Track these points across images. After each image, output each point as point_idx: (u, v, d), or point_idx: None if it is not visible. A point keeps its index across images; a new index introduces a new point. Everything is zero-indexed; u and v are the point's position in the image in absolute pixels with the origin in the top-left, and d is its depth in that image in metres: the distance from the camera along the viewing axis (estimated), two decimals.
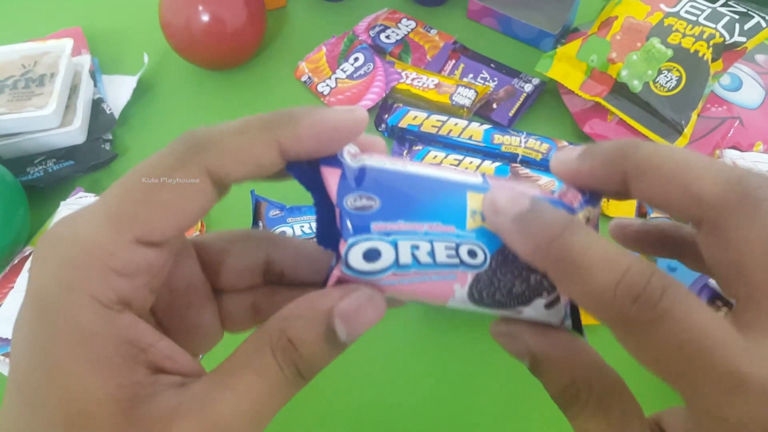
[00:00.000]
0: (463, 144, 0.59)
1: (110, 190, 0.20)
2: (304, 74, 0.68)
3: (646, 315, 0.18)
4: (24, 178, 0.57)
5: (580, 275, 0.19)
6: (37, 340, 0.18)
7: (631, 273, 0.18)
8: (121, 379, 0.18)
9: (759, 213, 0.18)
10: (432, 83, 0.63)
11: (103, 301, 0.19)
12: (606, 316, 0.19)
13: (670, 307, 0.18)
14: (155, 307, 0.24)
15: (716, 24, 0.56)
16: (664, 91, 0.56)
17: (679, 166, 0.20)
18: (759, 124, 0.57)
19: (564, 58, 0.62)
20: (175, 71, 0.69)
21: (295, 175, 0.21)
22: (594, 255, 0.19)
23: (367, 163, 0.22)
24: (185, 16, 0.61)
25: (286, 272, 0.26)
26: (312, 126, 0.20)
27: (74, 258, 0.19)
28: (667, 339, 0.18)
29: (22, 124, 0.57)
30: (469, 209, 0.22)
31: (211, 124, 0.22)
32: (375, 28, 0.70)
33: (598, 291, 0.19)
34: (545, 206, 0.21)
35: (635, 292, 0.18)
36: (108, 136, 0.62)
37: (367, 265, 0.21)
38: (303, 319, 0.20)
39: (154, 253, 0.20)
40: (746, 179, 0.19)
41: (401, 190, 0.21)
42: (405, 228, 0.21)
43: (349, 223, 0.20)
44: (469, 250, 0.22)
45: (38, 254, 0.19)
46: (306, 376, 0.20)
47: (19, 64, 0.61)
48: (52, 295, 0.19)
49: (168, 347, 0.20)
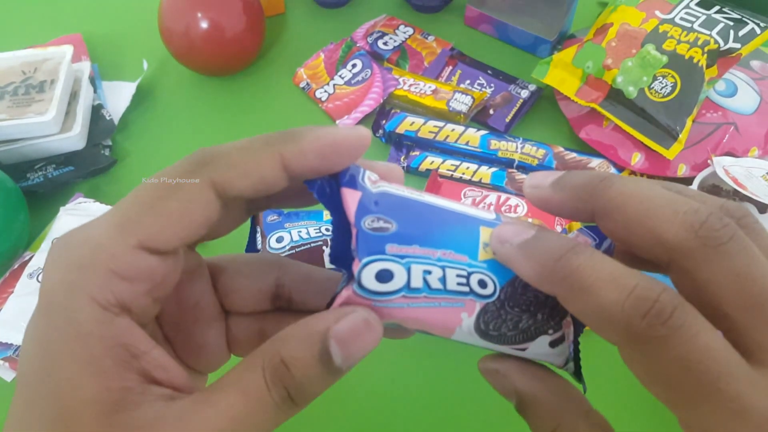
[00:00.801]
0: (460, 149, 0.60)
1: (123, 199, 0.21)
2: (302, 80, 0.68)
3: (656, 330, 0.18)
4: (24, 184, 0.57)
5: (587, 292, 0.19)
6: (39, 337, 0.19)
7: (640, 288, 0.18)
8: (110, 383, 0.19)
9: (721, 255, 0.18)
10: (429, 89, 0.64)
11: (102, 303, 0.19)
12: (615, 332, 0.19)
13: (681, 325, 0.17)
14: (162, 321, 0.24)
15: (711, 30, 0.56)
16: (660, 97, 0.56)
17: (644, 207, 0.20)
18: (754, 130, 0.57)
19: (560, 65, 0.62)
20: (174, 77, 0.70)
21: (316, 194, 0.22)
22: (600, 273, 0.19)
23: (387, 190, 0.22)
24: (185, 23, 0.62)
25: (294, 297, 0.27)
26: (314, 141, 0.21)
27: (79, 260, 0.19)
28: (675, 357, 0.18)
29: (22, 130, 0.57)
30: (482, 242, 0.22)
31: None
32: (373, 34, 0.71)
33: (606, 307, 0.18)
34: (549, 234, 0.21)
35: (645, 307, 0.18)
36: (107, 142, 0.62)
37: (379, 285, 0.21)
38: (297, 339, 0.20)
39: (157, 261, 0.20)
40: (709, 223, 0.19)
41: (417, 217, 0.22)
42: (419, 252, 0.21)
43: (365, 242, 0.21)
44: (480, 280, 0.22)
45: (50, 257, 0.20)
46: (297, 400, 0.20)
47: (19, 71, 0.61)
48: (56, 295, 0.19)
49: (161, 357, 0.20)
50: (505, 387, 0.23)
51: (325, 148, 0.21)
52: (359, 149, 0.22)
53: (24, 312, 0.49)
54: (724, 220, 0.19)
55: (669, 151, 0.56)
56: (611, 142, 0.59)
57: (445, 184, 0.57)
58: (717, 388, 0.17)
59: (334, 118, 0.65)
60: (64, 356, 0.19)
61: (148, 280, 0.20)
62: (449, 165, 0.59)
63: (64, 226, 0.54)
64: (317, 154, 0.21)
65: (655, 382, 0.19)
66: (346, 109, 0.64)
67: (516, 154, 0.59)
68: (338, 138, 0.21)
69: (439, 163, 0.59)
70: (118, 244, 0.19)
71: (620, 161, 0.58)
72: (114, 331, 0.19)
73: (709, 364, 0.17)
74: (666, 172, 0.57)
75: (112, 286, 0.19)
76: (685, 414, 0.18)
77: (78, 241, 0.20)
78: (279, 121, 0.65)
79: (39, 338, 0.19)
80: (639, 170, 0.57)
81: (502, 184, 0.57)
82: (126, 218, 0.20)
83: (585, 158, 0.59)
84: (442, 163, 0.59)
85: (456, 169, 0.58)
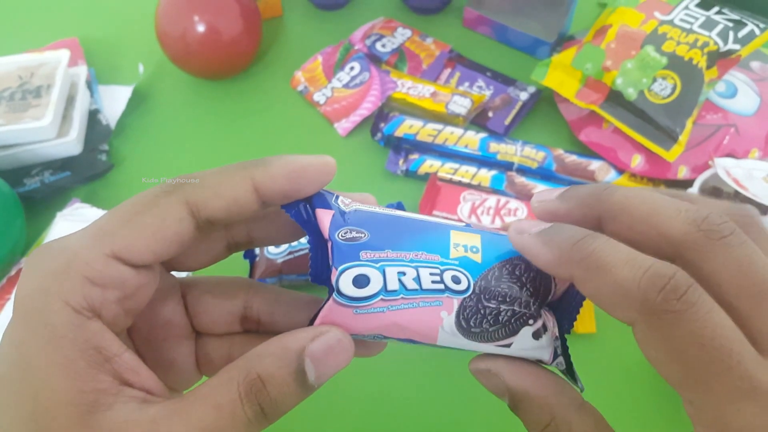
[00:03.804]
0: (459, 153, 0.59)
1: (103, 215, 0.22)
2: (300, 83, 0.68)
3: (672, 305, 0.18)
4: (21, 189, 0.57)
5: (604, 271, 0.20)
6: (14, 340, 0.20)
7: (656, 267, 0.19)
8: (83, 385, 0.19)
9: (724, 247, 0.19)
10: (428, 92, 0.63)
11: (75, 307, 0.20)
12: (631, 307, 0.19)
13: (695, 301, 0.18)
14: (134, 336, 0.25)
15: (710, 32, 0.56)
16: (659, 99, 0.56)
17: (649, 208, 0.21)
18: (754, 131, 0.57)
19: (559, 67, 0.62)
20: (171, 81, 0.69)
21: (293, 217, 0.23)
22: (616, 254, 0.20)
23: (359, 207, 0.24)
24: (181, 26, 0.62)
25: (262, 319, 0.28)
26: (283, 166, 0.23)
27: (55, 266, 0.20)
28: (689, 332, 0.18)
29: (18, 135, 0.57)
30: (452, 242, 0.24)
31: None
32: (371, 37, 0.71)
33: (622, 284, 0.19)
34: (565, 225, 0.22)
35: (661, 283, 0.18)
36: (104, 146, 0.62)
37: (357, 291, 0.22)
38: (273, 357, 0.21)
39: (129, 272, 0.21)
40: (710, 218, 0.20)
41: (388, 226, 0.23)
42: (392, 256, 0.22)
43: (340, 252, 0.22)
44: (453, 276, 0.23)
45: (28, 263, 0.21)
46: (270, 416, 0.21)
47: (15, 76, 0.61)
48: (31, 299, 0.20)
49: (132, 360, 0.21)
50: (497, 386, 0.24)
51: (293, 173, 0.23)
52: (325, 175, 0.23)
53: None
54: (724, 217, 0.20)
55: (669, 153, 0.55)
56: (611, 144, 0.59)
57: (444, 187, 0.56)
58: (728, 366, 0.18)
59: (332, 121, 0.64)
60: (39, 358, 0.19)
61: (119, 288, 0.21)
62: (448, 168, 0.58)
63: (61, 232, 0.53)
64: (286, 178, 0.22)
65: (668, 359, 0.19)
66: (344, 112, 0.64)
67: (515, 156, 0.58)
68: (305, 164, 0.23)
69: (438, 166, 0.58)
70: (93, 252, 0.20)
71: (620, 163, 0.58)
72: (86, 334, 0.20)
73: (722, 341, 0.18)
74: (666, 174, 0.56)
75: (84, 291, 0.20)
76: (694, 393, 0.19)
77: (55, 250, 0.21)
78: (276, 125, 0.65)
79: (14, 341, 0.20)
80: (639, 172, 0.57)
81: (502, 188, 0.57)
82: (102, 230, 0.21)
83: (585, 160, 0.58)
84: (441, 166, 0.58)
85: (455, 172, 0.58)
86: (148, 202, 0.22)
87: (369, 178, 0.60)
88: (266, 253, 0.52)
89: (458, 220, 0.28)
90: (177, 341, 0.27)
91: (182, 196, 0.22)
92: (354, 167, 0.61)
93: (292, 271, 0.51)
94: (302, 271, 0.51)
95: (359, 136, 0.63)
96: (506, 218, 0.54)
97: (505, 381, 0.23)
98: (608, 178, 0.58)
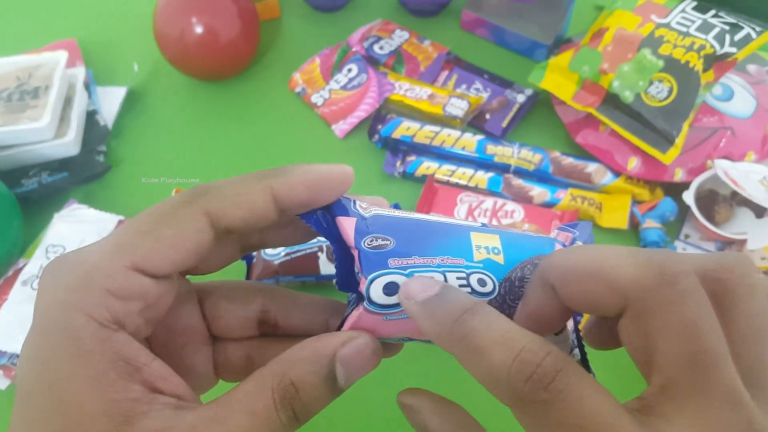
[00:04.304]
0: (456, 155, 0.59)
1: (121, 226, 0.22)
2: (297, 85, 0.68)
3: (539, 395, 0.18)
4: (18, 190, 0.57)
5: (479, 355, 0.19)
6: (39, 355, 0.20)
7: (525, 352, 0.18)
8: (115, 395, 0.19)
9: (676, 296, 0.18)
10: (425, 94, 0.64)
11: (99, 320, 0.20)
12: (501, 396, 0.19)
13: (562, 389, 0.18)
14: (152, 343, 0.25)
15: (707, 35, 0.56)
16: (656, 102, 0.56)
17: (595, 260, 0.20)
18: (750, 134, 0.57)
19: (556, 69, 0.62)
20: (169, 83, 0.69)
21: (313, 226, 0.23)
22: (492, 335, 0.19)
23: (378, 212, 0.24)
24: (179, 28, 0.62)
25: (280, 323, 0.27)
26: (302, 175, 0.23)
27: (75, 280, 0.20)
28: (558, 421, 0.18)
29: (16, 136, 0.57)
30: (474, 244, 0.24)
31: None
32: (369, 39, 0.71)
33: (494, 369, 0.19)
34: (453, 291, 0.21)
35: (528, 372, 0.18)
36: (102, 147, 0.62)
37: (388, 298, 0.22)
38: (306, 362, 0.21)
39: (150, 283, 0.21)
40: (664, 262, 0.19)
41: (412, 232, 0.23)
42: (419, 262, 0.22)
43: (368, 261, 0.22)
44: (479, 279, 0.23)
45: (45, 277, 0.21)
46: (301, 419, 0.21)
47: (14, 77, 0.61)
48: (53, 313, 0.20)
49: (162, 368, 0.21)
50: (418, 424, 0.23)
51: (312, 182, 0.23)
52: (344, 183, 0.23)
53: (18, 320, 0.49)
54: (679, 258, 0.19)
55: (666, 156, 0.55)
56: (608, 147, 0.59)
57: (441, 189, 0.56)
58: None
59: (330, 123, 0.64)
60: (66, 373, 0.19)
61: (141, 300, 0.21)
62: (445, 170, 0.58)
63: (59, 233, 0.53)
64: (305, 186, 0.22)
65: None
66: (342, 114, 0.64)
67: (512, 159, 0.59)
68: (324, 172, 0.23)
69: (435, 168, 0.59)
70: (113, 265, 0.20)
71: (617, 166, 0.58)
72: (114, 346, 0.20)
73: (592, 428, 0.17)
74: (662, 176, 0.57)
75: (107, 304, 0.20)
76: None
77: (73, 263, 0.21)
78: (274, 126, 0.65)
79: (39, 357, 0.20)
80: (635, 175, 0.57)
81: (499, 190, 0.57)
82: (121, 242, 0.21)
83: (581, 163, 0.59)
84: (438, 168, 0.59)
85: (452, 174, 0.58)
86: (166, 213, 0.22)
87: (366, 179, 0.60)
88: (263, 254, 0.52)
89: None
90: (195, 347, 0.27)
91: (201, 206, 0.22)
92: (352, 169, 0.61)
93: (289, 273, 0.51)
94: (299, 273, 0.51)
95: (357, 137, 0.64)
96: (503, 220, 0.54)
97: (424, 421, 0.23)
98: (604, 180, 0.58)
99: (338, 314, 0.27)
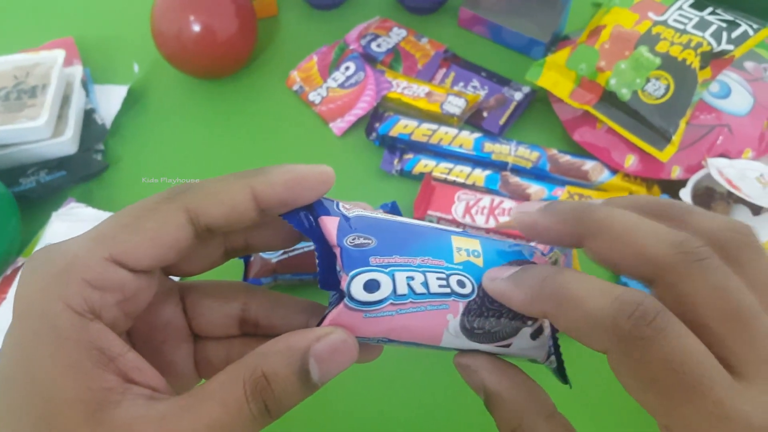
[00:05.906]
0: (454, 152, 0.59)
1: (104, 220, 0.22)
2: (295, 83, 0.68)
3: (642, 331, 0.18)
4: (16, 189, 0.57)
5: (574, 303, 0.20)
6: (17, 342, 0.20)
7: (625, 295, 0.19)
8: (90, 383, 0.20)
9: (700, 271, 0.19)
10: (423, 92, 0.64)
11: (76, 309, 0.20)
12: (602, 336, 0.19)
13: (665, 327, 0.18)
14: (133, 338, 0.26)
15: (704, 32, 0.56)
16: (653, 100, 0.56)
17: (630, 229, 0.21)
18: (748, 131, 0.57)
19: (554, 67, 0.62)
20: (166, 81, 0.69)
21: (295, 226, 0.24)
22: (585, 286, 0.20)
23: (361, 213, 0.24)
24: (177, 26, 0.62)
25: (261, 322, 0.28)
26: (282, 174, 0.23)
27: (55, 269, 0.21)
28: (660, 358, 0.18)
29: (14, 135, 0.57)
30: (455, 247, 0.24)
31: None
32: (366, 36, 0.71)
33: (593, 314, 0.19)
34: (533, 265, 0.23)
35: (630, 310, 0.19)
36: (100, 146, 0.62)
37: (368, 295, 0.22)
38: (279, 355, 0.21)
39: (128, 276, 0.22)
40: (687, 242, 0.20)
41: (394, 232, 0.24)
42: (400, 261, 0.23)
43: (350, 258, 0.22)
44: (458, 280, 0.24)
45: (28, 266, 0.21)
46: (273, 413, 0.21)
47: (11, 76, 0.61)
48: (33, 300, 0.20)
49: (137, 360, 0.21)
50: (475, 382, 0.24)
51: (291, 181, 0.23)
52: (325, 183, 0.24)
53: None
54: (700, 241, 0.20)
55: (662, 153, 0.56)
56: (605, 145, 0.59)
57: (438, 187, 0.56)
58: (700, 391, 0.18)
59: (328, 120, 0.64)
60: (44, 359, 0.19)
61: (118, 291, 0.22)
62: (443, 168, 0.58)
63: (57, 232, 0.53)
64: (284, 186, 0.23)
65: (641, 385, 0.19)
66: (339, 111, 0.64)
67: (510, 156, 0.59)
68: (304, 172, 0.23)
69: (433, 166, 0.59)
70: (92, 255, 0.21)
71: (614, 163, 0.58)
72: (90, 335, 0.20)
73: (693, 366, 0.18)
74: (660, 174, 0.57)
75: (84, 293, 0.20)
76: (668, 420, 0.19)
77: (54, 253, 0.21)
78: (272, 124, 0.65)
79: (17, 343, 0.20)
80: (633, 172, 0.57)
81: (496, 187, 0.57)
82: (102, 234, 0.21)
83: (579, 160, 0.59)
84: (435, 166, 0.59)
85: (450, 172, 0.58)
86: (148, 208, 0.22)
87: (364, 177, 0.60)
88: (261, 253, 0.52)
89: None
90: (176, 344, 0.27)
91: (182, 203, 0.22)
92: (349, 167, 0.61)
93: (287, 271, 0.51)
94: (297, 271, 0.51)
95: (354, 135, 0.64)
96: (500, 218, 0.54)
97: (483, 380, 0.24)
98: (602, 178, 0.58)
99: (319, 315, 0.27)
